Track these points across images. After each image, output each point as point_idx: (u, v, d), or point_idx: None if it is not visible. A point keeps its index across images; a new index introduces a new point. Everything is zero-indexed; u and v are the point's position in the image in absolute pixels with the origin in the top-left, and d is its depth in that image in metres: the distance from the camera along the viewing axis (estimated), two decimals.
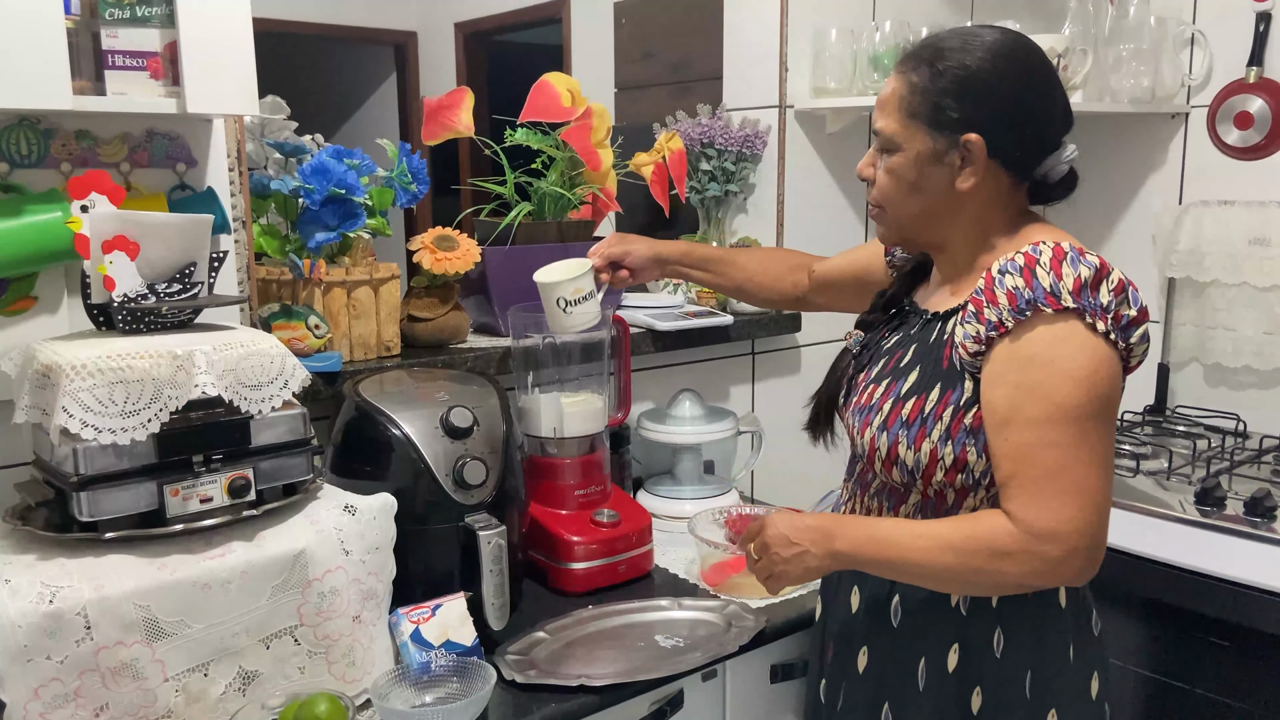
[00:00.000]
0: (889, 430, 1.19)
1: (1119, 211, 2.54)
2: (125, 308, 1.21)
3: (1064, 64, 2.19)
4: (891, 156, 1.19)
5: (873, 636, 1.27)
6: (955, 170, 1.16)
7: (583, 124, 1.80)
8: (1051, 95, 1.17)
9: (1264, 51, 2.28)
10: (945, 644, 1.21)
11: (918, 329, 1.25)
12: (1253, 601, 1.71)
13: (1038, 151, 1.18)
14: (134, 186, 1.40)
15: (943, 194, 1.18)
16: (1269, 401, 2.32)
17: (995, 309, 1.10)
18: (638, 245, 1.57)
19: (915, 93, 1.16)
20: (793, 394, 2.28)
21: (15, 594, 1.05)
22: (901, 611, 1.24)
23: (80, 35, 1.25)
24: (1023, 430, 1.08)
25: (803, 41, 2.13)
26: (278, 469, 1.25)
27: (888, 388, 1.22)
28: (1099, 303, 1.07)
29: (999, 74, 1.14)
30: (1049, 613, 1.20)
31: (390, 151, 1.69)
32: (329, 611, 1.23)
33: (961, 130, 1.14)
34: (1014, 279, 1.09)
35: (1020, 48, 1.16)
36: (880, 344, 1.29)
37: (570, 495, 1.62)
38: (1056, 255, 1.09)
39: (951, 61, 1.14)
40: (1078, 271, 1.08)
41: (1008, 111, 1.14)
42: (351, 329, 1.61)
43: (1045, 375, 1.08)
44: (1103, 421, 1.09)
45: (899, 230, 1.24)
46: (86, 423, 1.10)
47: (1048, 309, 1.07)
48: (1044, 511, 1.07)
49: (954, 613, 1.20)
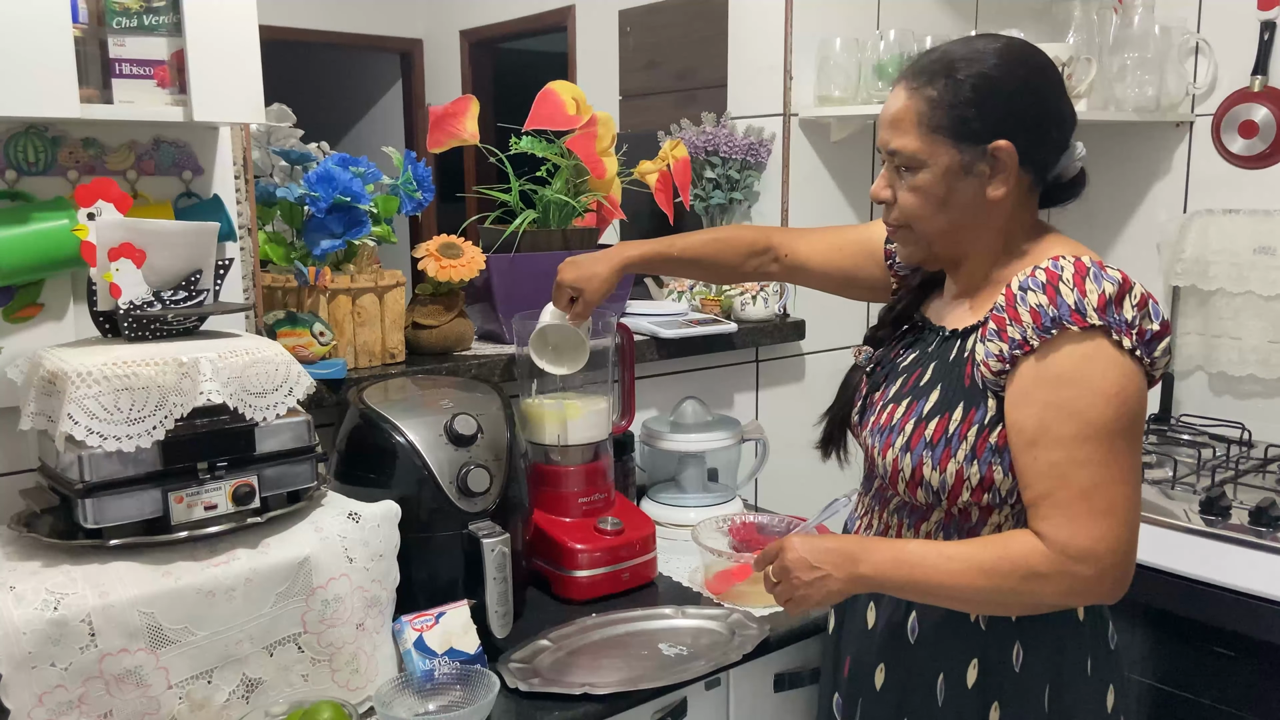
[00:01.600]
0: (913, 451, 1.18)
1: (1124, 220, 2.54)
2: (131, 315, 1.22)
3: (1069, 73, 2.19)
4: (916, 175, 1.16)
5: (891, 654, 1.26)
6: (985, 180, 1.14)
7: (587, 132, 1.81)
8: (1062, 94, 1.17)
9: (1269, 60, 2.28)
10: (965, 659, 1.20)
11: (935, 346, 1.23)
12: (1258, 611, 1.70)
13: (1057, 152, 1.18)
14: (140, 194, 1.41)
15: (972, 206, 1.16)
16: (1274, 411, 2.31)
17: (1019, 326, 1.09)
18: (594, 266, 1.50)
19: (935, 107, 1.14)
20: (797, 402, 2.28)
21: (20, 601, 1.05)
22: (919, 629, 1.23)
23: (88, 44, 1.25)
24: (1053, 449, 1.07)
25: (807, 50, 2.13)
26: (282, 476, 1.26)
27: (909, 407, 1.20)
28: (1124, 319, 1.06)
29: (1015, 78, 1.13)
30: (1068, 627, 1.19)
31: (396, 159, 1.69)
32: (332, 619, 1.23)
33: (988, 139, 1.12)
34: (1037, 296, 1.08)
35: (1026, 51, 1.16)
36: (895, 361, 1.27)
37: (574, 503, 1.62)
38: (1079, 271, 1.08)
39: (969, 71, 1.13)
40: (1101, 288, 1.07)
41: (1030, 114, 1.14)
42: (356, 336, 1.61)
43: (1075, 394, 1.07)
44: (1131, 438, 1.08)
45: (926, 248, 1.22)
46: (92, 430, 1.10)
47: (1074, 327, 1.06)
48: (1078, 531, 1.06)
49: (973, 628, 1.19)
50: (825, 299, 2.26)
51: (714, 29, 2.34)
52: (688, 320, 1.99)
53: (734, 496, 1.91)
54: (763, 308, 2.12)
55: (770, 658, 1.47)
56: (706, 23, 2.49)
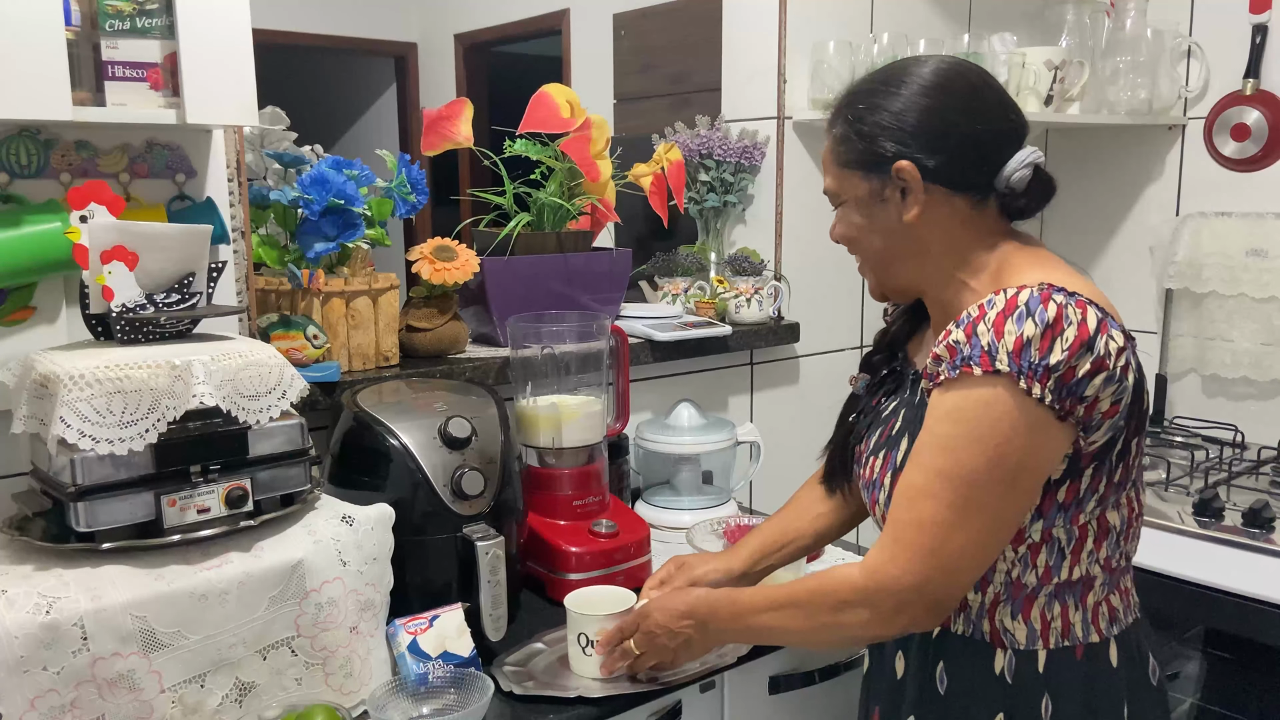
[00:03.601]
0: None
1: (1116, 223, 2.55)
2: (124, 318, 1.21)
3: (1061, 76, 2.20)
4: (843, 209, 1.20)
5: (919, 705, 1.21)
6: (899, 204, 1.14)
7: (582, 135, 1.81)
8: (982, 106, 1.13)
9: (1260, 64, 2.29)
10: (989, 713, 1.15)
11: (908, 391, 1.23)
12: (1252, 613, 1.71)
13: (980, 163, 1.13)
14: (133, 197, 1.41)
15: (897, 231, 1.15)
16: (1267, 412, 2.32)
17: (941, 364, 1.07)
18: (705, 570, 1.40)
19: (839, 143, 1.17)
20: (791, 404, 2.28)
21: (12, 605, 1.05)
22: (948, 679, 1.18)
23: (80, 46, 1.25)
24: (916, 472, 1.08)
25: (801, 53, 2.14)
26: (275, 479, 1.25)
27: (884, 460, 1.19)
28: (1041, 364, 1.01)
29: (917, 98, 1.12)
30: (1100, 674, 1.14)
31: (389, 162, 1.69)
32: (326, 622, 1.22)
33: (891, 163, 1.12)
34: (958, 333, 1.06)
35: (944, 70, 1.14)
36: (879, 410, 1.27)
37: (568, 506, 1.62)
38: (1007, 309, 1.03)
39: (866, 103, 1.14)
40: (1021, 329, 1.01)
41: (928, 131, 1.11)
42: (350, 339, 1.61)
43: (956, 433, 1.05)
44: (1003, 489, 1.05)
45: (877, 277, 1.22)
46: (84, 433, 1.10)
47: (978, 369, 1.03)
48: (895, 560, 1.07)
49: (999, 681, 1.15)
50: (820, 302, 2.28)
51: (708, 32, 2.35)
52: (682, 323, 1.99)
53: (729, 499, 1.91)
54: (757, 310, 2.12)
55: (765, 660, 1.47)
56: (701, 26, 2.49)
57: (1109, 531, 1.12)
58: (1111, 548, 1.13)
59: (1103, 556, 1.13)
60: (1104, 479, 1.09)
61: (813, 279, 2.24)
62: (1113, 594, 1.15)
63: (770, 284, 2.13)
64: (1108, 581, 1.14)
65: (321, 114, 5.22)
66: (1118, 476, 1.10)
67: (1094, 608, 1.14)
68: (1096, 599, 1.14)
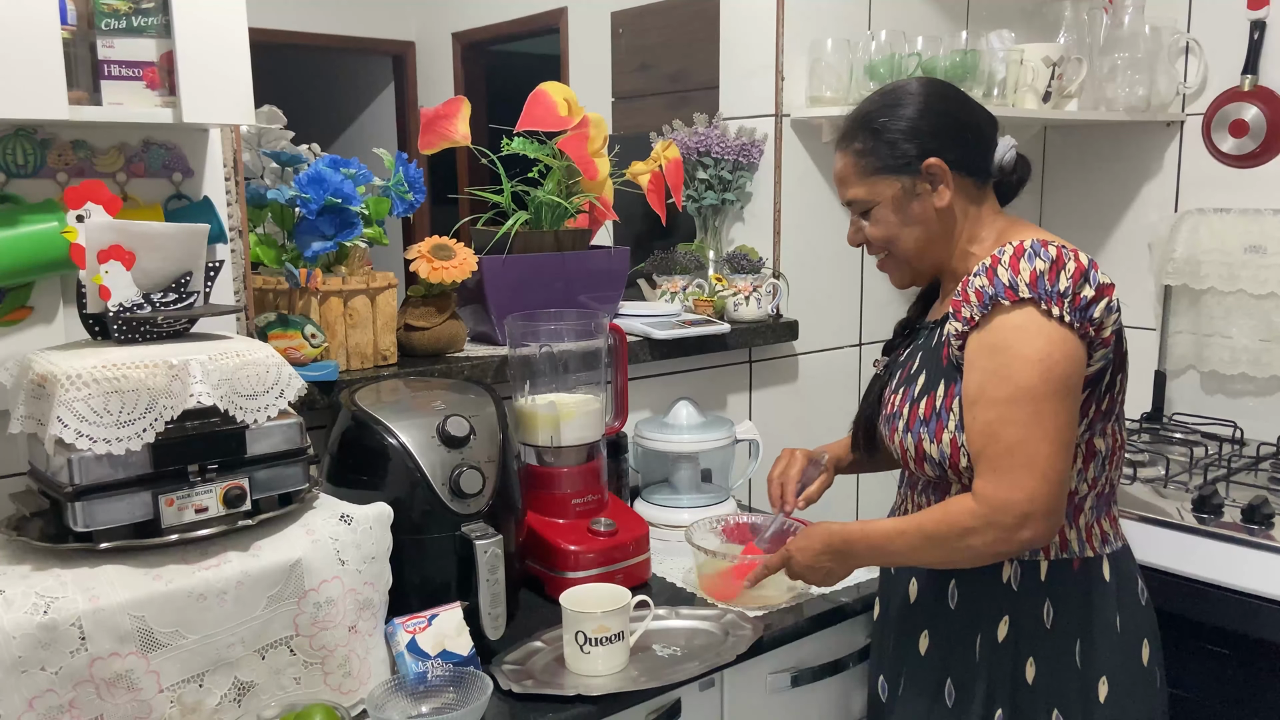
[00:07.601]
0: (912, 431, 1.33)
1: (1115, 220, 2.55)
2: (121, 317, 1.21)
3: (1059, 73, 2.20)
4: (873, 213, 1.36)
5: (932, 621, 1.38)
6: (929, 194, 1.32)
7: (579, 133, 1.81)
8: (969, 107, 1.36)
9: (1258, 60, 2.28)
10: (996, 618, 1.32)
11: (924, 338, 1.41)
12: (1251, 609, 1.71)
13: (984, 149, 1.35)
14: (130, 196, 1.41)
15: (929, 218, 1.33)
16: (1265, 409, 2.32)
17: (969, 306, 1.25)
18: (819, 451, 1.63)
19: (864, 156, 1.34)
20: (790, 402, 2.28)
21: (10, 605, 1.04)
22: (958, 594, 1.35)
23: (77, 45, 1.25)
24: (987, 409, 1.22)
25: (799, 51, 2.14)
26: (273, 479, 1.25)
27: (904, 394, 1.37)
28: (1054, 290, 1.19)
29: (924, 106, 1.32)
30: (1095, 585, 1.31)
31: (387, 161, 1.69)
32: (325, 622, 1.22)
33: (919, 162, 1.31)
34: (981, 279, 1.24)
35: (931, 82, 1.37)
36: (899, 360, 1.44)
37: (567, 504, 1.62)
38: (1017, 253, 1.23)
39: (885, 116, 1.33)
40: (1033, 265, 1.21)
41: (945, 128, 1.32)
42: (348, 338, 1.61)
43: (1006, 360, 1.21)
44: (1060, 399, 1.20)
45: (909, 267, 1.38)
46: (81, 433, 1.10)
47: (1006, 301, 1.21)
48: (1000, 484, 1.20)
49: (1005, 588, 1.31)
50: (818, 299, 2.27)
51: (706, 30, 2.34)
52: (681, 321, 1.99)
53: (727, 497, 1.91)
54: (755, 308, 2.12)
55: (764, 658, 1.47)
56: (698, 24, 2.49)
57: (1095, 454, 1.30)
58: (1098, 469, 1.31)
59: (1090, 476, 1.30)
60: (1094, 406, 1.27)
61: (811, 276, 2.24)
62: (1103, 519, 1.33)
63: (768, 282, 2.13)
64: (1096, 505, 1.32)
65: (319, 113, 5.22)
66: (1105, 405, 1.28)
67: (1086, 529, 1.31)
68: (1088, 521, 1.32)
